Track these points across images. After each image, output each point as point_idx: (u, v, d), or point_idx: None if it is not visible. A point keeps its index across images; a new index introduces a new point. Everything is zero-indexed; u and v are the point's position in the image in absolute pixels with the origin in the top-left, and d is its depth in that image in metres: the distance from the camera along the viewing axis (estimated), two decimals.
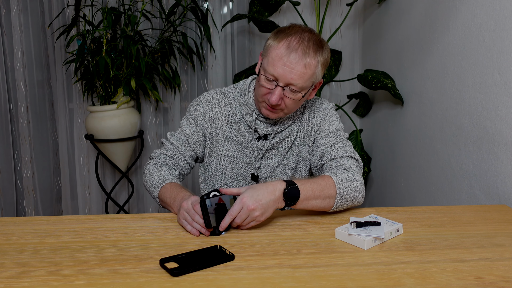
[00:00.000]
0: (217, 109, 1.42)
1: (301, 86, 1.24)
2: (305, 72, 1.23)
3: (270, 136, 1.40)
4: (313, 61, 1.23)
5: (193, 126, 1.44)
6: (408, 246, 1.07)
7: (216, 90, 1.46)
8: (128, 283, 0.88)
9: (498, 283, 0.89)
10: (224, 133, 1.42)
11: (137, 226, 1.19)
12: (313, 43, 1.24)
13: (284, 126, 1.40)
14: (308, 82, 1.26)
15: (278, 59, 1.22)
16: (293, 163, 1.47)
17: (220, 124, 1.42)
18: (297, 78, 1.23)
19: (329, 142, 1.39)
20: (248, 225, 1.14)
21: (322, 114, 1.43)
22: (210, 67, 2.84)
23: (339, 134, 1.42)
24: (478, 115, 1.64)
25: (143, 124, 2.87)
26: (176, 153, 1.45)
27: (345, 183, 1.24)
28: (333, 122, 1.43)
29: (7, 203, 2.85)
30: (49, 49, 2.75)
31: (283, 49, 1.22)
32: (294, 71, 1.22)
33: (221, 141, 1.42)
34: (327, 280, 0.90)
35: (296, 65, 1.22)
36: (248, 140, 1.41)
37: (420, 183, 2.09)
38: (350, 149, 1.37)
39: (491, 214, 1.30)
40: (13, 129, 2.83)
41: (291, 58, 1.21)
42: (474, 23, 1.66)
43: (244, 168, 1.45)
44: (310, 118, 1.44)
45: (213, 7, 2.78)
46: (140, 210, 3.02)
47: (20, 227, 1.18)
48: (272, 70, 1.23)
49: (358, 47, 2.88)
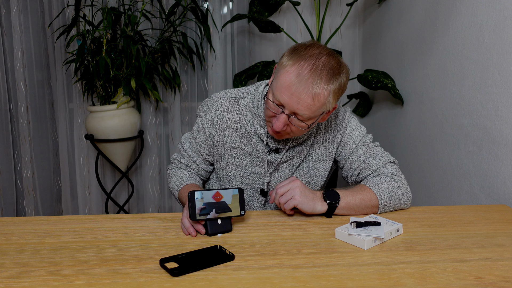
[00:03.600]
0: (226, 115, 1.35)
1: (308, 117, 1.17)
2: (313, 104, 1.14)
3: (281, 150, 1.35)
4: (324, 91, 1.13)
5: (202, 133, 1.40)
6: (408, 246, 1.07)
7: (226, 94, 1.37)
8: (128, 283, 0.88)
9: (498, 283, 0.89)
10: (232, 141, 1.36)
11: (137, 226, 1.19)
12: (328, 71, 1.14)
13: (297, 141, 1.34)
14: (317, 113, 1.17)
15: (286, 86, 1.14)
16: (305, 178, 1.41)
17: (229, 131, 1.35)
18: (304, 109, 1.14)
19: (361, 156, 1.35)
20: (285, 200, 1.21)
21: (341, 127, 1.37)
22: (210, 67, 2.84)
23: (365, 142, 1.37)
24: (478, 115, 1.64)
25: (143, 124, 2.87)
26: (190, 162, 1.45)
27: (388, 194, 1.27)
28: (355, 131, 1.37)
29: (7, 203, 2.85)
30: (49, 49, 2.75)
31: (293, 76, 1.13)
32: (301, 102, 1.13)
33: (229, 149, 1.37)
34: (327, 280, 0.90)
35: (304, 96, 1.13)
36: (259, 151, 1.35)
37: (420, 183, 2.09)
38: (384, 155, 1.36)
39: (491, 214, 1.30)
40: (13, 129, 2.83)
41: (300, 89, 1.12)
42: (474, 23, 1.66)
43: (253, 178, 1.40)
44: (327, 133, 1.37)
45: (213, 7, 2.78)
46: (140, 210, 3.02)
47: (20, 227, 1.18)
48: (279, 96, 1.16)
49: (358, 47, 2.88)
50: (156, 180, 2.97)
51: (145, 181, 2.97)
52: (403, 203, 1.31)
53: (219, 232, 1.13)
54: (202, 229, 1.13)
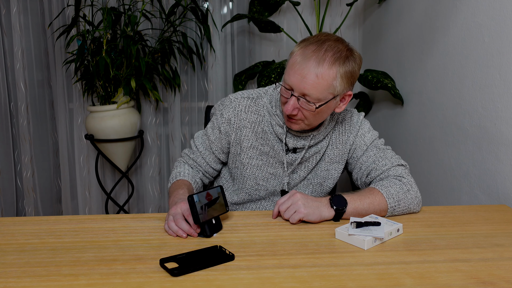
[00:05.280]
0: (243, 115, 1.35)
1: (316, 97, 1.17)
2: (318, 82, 1.15)
3: (299, 150, 1.36)
4: (328, 72, 1.15)
5: (217, 132, 1.39)
6: (408, 246, 1.07)
7: (243, 95, 1.38)
8: (128, 283, 0.88)
9: (498, 283, 0.89)
10: (249, 141, 1.37)
11: (137, 226, 1.19)
12: (333, 53, 1.16)
13: (314, 141, 1.35)
14: (325, 94, 1.18)
15: (291, 66, 1.18)
16: (318, 178, 1.42)
17: (246, 131, 1.36)
18: (310, 88, 1.16)
19: (371, 157, 1.36)
20: (290, 216, 1.19)
21: (354, 130, 1.38)
22: (210, 67, 2.84)
23: (377, 144, 1.38)
24: (478, 115, 1.64)
25: (143, 124, 2.87)
26: (199, 157, 1.44)
27: (397, 197, 1.25)
28: (367, 133, 1.39)
29: (7, 203, 2.85)
30: (49, 49, 2.75)
31: (298, 57, 1.17)
32: (305, 80, 1.16)
33: (245, 149, 1.37)
34: (327, 280, 0.90)
35: (308, 73, 1.15)
36: (277, 151, 1.36)
37: (420, 183, 2.09)
38: (394, 158, 1.35)
39: (491, 214, 1.30)
40: (13, 129, 2.83)
41: (303, 66, 1.16)
42: (474, 23, 1.66)
43: (267, 179, 1.40)
44: (341, 135, 1.39)
45: (213, 7, 2.78)
46: (140, 210, 3.02)
47: (20, 227, 1.18)
48: (287, 79, 1.20)
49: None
50: (156, 180, 2.97)
51: (145, 181, 2.98)
52: (413, 207, 1.29)
53: (215, 232, 1.14)
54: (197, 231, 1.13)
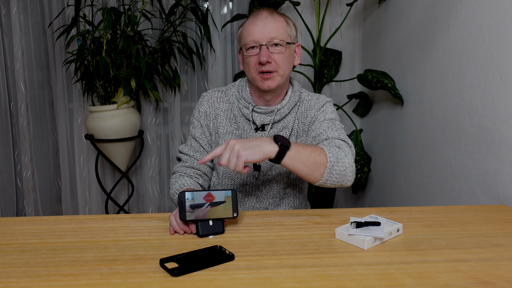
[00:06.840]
0: (217, 105, 1.48)
1: (281, 38, 1.35)
2: (277, 23, 1.35)
3: (267, 126, 1.43)
4: (280, 17, 1.38)
5: (199, 127, 1.48)
6: (408, 246, 1.07)
7: (214, 89, 1.53)
8: (128, 283, 0.88)
9: (498, 283, 0.89)
10: (224, 127, 1.47)
11: (137, 226, 1.19)
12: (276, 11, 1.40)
13: (280, 116, 1.42)
14: (285, 34, 1.36)
15: (250, 25, 1.36)
16: None
17: (220, 119, 1.47)
18: (273, 30, 1.34)
19: (323, 126, 1.39)
20: (234, 164, 1.11)
21: (318, 105, 1.46)
22: (210, 67, 2.84)
23: (334, 122, 1.42)
24: (478, 115, 1.64)
25: (143, 124, 2.87)
26: (194, 162, 1.47)
27: (336, 155, 1.24)
28: (329, 113, 1.44)
29: (7, 203, 2.85)
30: (49, 49, 2.75)
31: (251, 19, 1.37)
32: (267, 25, 1.34)
33: (222, 135, 1.46)
34: (327, 280, 0.90)
35: (266, 20, 1.35)
36: (247, 131, 1.44)
37: (420, 183, 2.09)
38: (343, 135, 1.37)
39: (491, 214, 1.30)
40: (13, 129, 2.84)
41: (261, 18, 1.35)
42: (474, 23, 1.66)
43: None
44: (306, 110, 1.46)
45: (213, 7, 2.78)
46: (140, 210, 3.02)
47: (20, 227, 1.18)
48: (250, 36, 1.35)
49: (358, 47, 2.88)
50: (156, 180, 2.97)
51: (145, 181, 2.98)
52: (348, 172, 1.25)
53: (210, 234, 1.12)
54: (193, 229, 1.12)
